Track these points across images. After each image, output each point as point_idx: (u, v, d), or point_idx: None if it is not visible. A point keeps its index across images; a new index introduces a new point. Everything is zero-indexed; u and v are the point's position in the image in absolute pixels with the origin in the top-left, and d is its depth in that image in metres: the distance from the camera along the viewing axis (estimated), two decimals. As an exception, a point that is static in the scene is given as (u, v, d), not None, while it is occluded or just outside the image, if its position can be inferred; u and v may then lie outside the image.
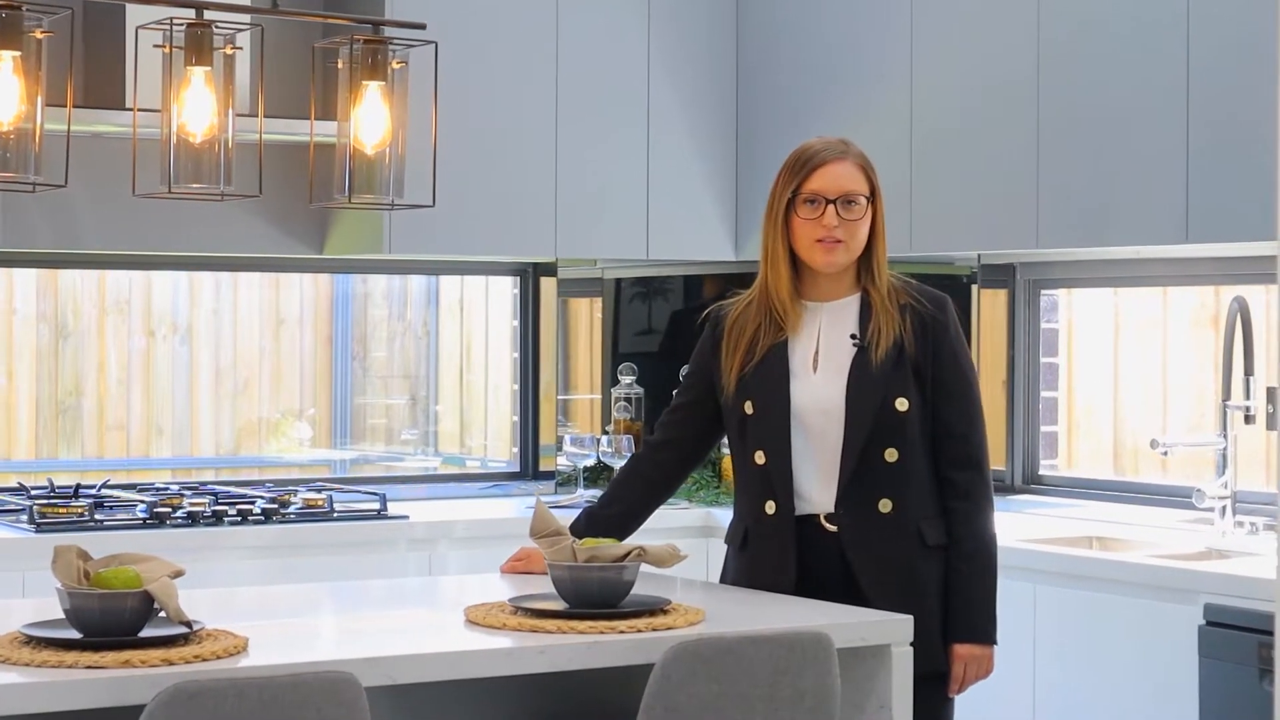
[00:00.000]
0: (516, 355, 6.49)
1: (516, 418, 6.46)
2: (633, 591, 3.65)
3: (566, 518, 4.10)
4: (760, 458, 3.93)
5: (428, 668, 3.28)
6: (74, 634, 3.19)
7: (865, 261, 3.96)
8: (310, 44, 4.74)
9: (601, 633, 3.43)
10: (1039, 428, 5.84)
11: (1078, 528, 5.36)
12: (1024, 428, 5.83)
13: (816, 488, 3.90)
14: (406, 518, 5.43)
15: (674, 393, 4.18)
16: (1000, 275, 5.88)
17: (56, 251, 5.76)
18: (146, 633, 3.21)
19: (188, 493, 5.46)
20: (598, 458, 6.04)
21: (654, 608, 3.58)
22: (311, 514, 5.37)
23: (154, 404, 6.57)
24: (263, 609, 3.98)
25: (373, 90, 3.84)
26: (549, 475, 6.36)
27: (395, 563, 5.32)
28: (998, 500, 5.73)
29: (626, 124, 6.04)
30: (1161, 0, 4.92)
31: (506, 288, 6.55)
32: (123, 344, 6.53)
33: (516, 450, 6.45)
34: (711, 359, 4.03)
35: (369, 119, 3.84)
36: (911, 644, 3.66)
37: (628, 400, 6.20)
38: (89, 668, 3.05)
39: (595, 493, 5.61)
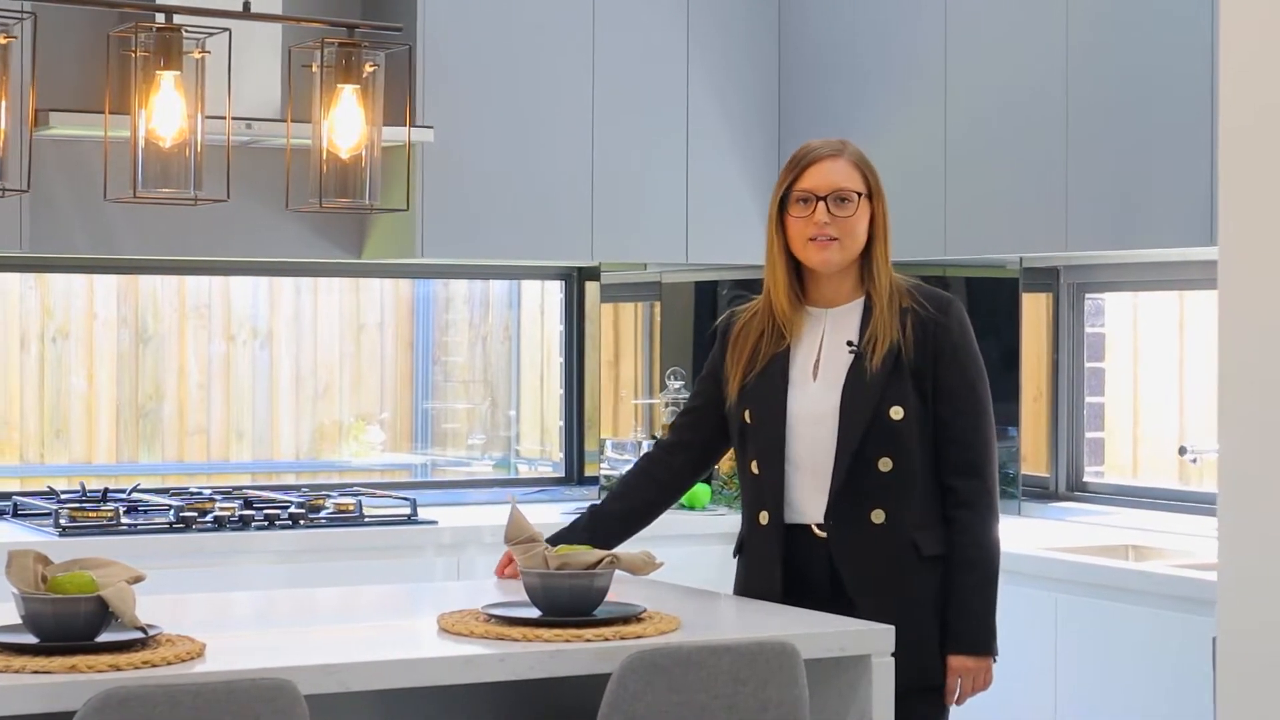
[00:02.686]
0: (562, 360, 6.49)
1: (562, 422, 6.45)
2: (623, 599, 3.63)
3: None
4: (755, 468, 3.88)
5: (382, 675, 3.25)
6: (30, 639, 3.20)
7: (866, 264, 3.89)
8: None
9: (567, 641, 3.40)
10: (1083, 433, 5.76)
11: (1116, 536, 5.29)
12: (1068, 433, 5.75)
13: (808, 497, 3.84)
14: (435, 523, 5.42)
15: (689, 396, 4.17)
16: (1044, 279, 5.81)
17: (91, 257, 5.81)
18: (105, 638, 3.21)
19: (219, 497, 5.49)
20: (638, 463, 6.02)
21: (627, 616, 3.54)
22: (341, 519, 5.38)
23: (234, 408, 6.61)
24: (240, 615, 3.98)
25: (347, 94, 3.83)
26: (594, 480, 6.33)
27: (424, 568, 5.31)
28: (1039, 506, 5.70)
29: (665, 126, 6.00)
30: (1187, 4, 4.86)
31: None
32: (203, 348, 6.58)
33: (562, 455, 6.44)
34: (720, 365, 3.99)
35: (343, 122, 3.84)
36: (894, 654, 3.58)
37: (676, 405, 6.18)
38: (35, 672, 3.05)
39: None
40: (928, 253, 5.59)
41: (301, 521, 5.30)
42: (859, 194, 3.84)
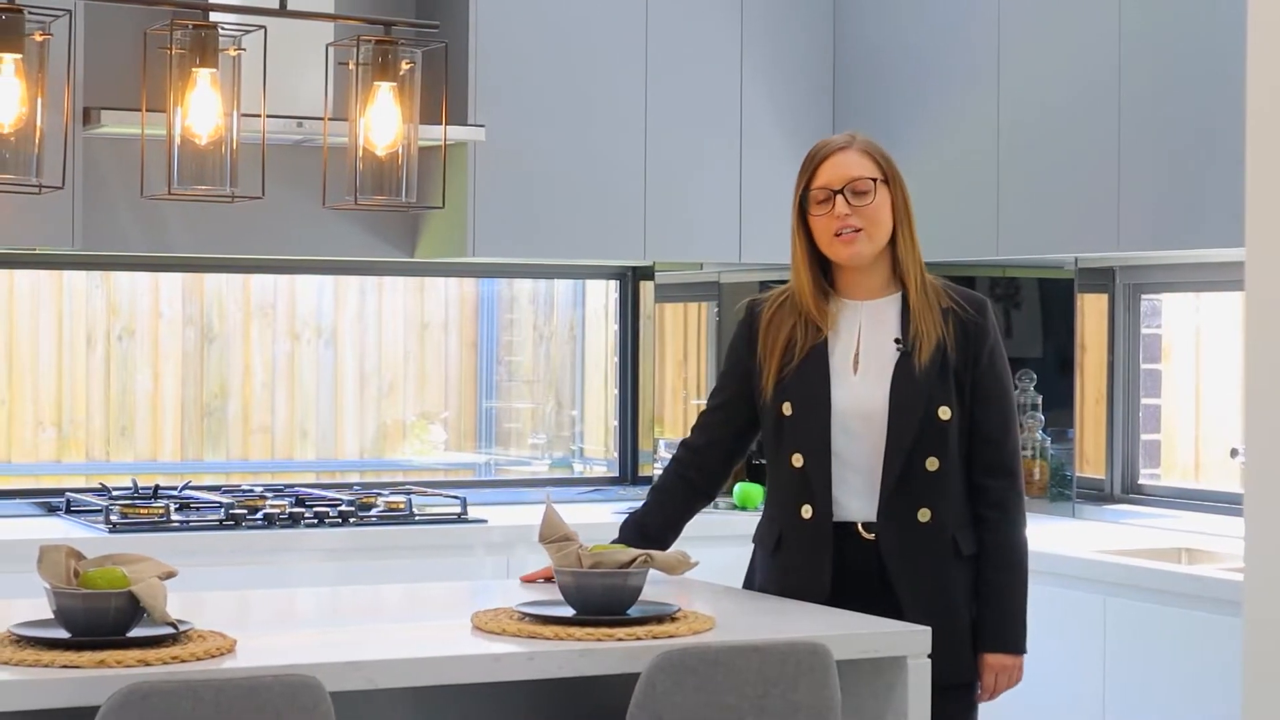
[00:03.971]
0: (617, 359, 6.49)
1: (616, 422, 6.45)
2: (664, 599, 3.62)
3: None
4: (798, 460, 3.85)
5: (410, 673, 3.24)
6: (62, 634, 3.21)
7: (895, 254, 3.86)
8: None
9: (599, 640, 3.38)
10: (1139, 436, 5.71)
11: (1169, 539, 5.24)
12: (1123, 436, 5.69)
13: (856, 494, 3.82)
14: (485, 521, 5.42)
15: (710, 392, 4.12)
16: (1101, 279, 5.76)
17: (142, 255, 5.84)
18: (136, 633, 3.21)
19: (270, 495, 5.50)
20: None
21: (661, 615, 3.53)
22: (391, 517, 5.38)
23: (298, 407, 6.63)
24: (278, 612, 3.98)
25: (383, 91, 3.83)
26: (647, 480, 6.32)
27: (473, 566, 5.31)
28: (1094, 509, 5.65)
29: (719, 126, 5.99)
30: (1239, 1, 4.81)
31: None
32: (267, 347, 6.60)
33: (616, 455, 6.44)
34: (747, 357, 3.95)
35: (379, 120, 3.84)
36: (930, 656, 3.56)
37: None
38: (64, 667, 3.06)
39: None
40: (980, 253, 5.56)
41: (351, 520, 5.31)
42: (875, 180, 3.82)
